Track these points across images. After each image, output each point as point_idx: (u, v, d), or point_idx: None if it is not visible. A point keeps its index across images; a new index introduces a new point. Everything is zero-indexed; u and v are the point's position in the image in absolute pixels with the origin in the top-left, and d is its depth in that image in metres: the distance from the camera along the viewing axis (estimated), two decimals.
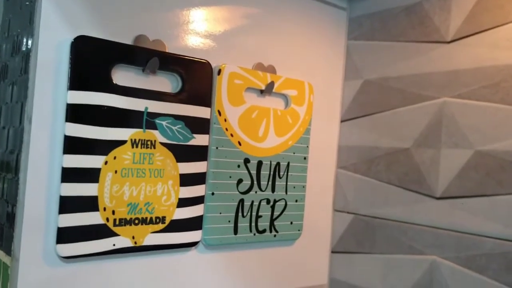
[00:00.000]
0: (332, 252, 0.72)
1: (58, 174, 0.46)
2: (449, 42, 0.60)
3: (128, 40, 0.50)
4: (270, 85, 0.62)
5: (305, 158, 0.67)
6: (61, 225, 0.46)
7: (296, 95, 0.65)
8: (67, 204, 0.46)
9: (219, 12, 0.58)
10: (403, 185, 0.63)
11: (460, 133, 0.57)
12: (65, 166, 0.46)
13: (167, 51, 0.53)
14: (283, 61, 0.65)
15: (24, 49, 0.48)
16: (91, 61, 0.47)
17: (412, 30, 0.64)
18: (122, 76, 0.50)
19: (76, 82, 0.46)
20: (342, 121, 0.73)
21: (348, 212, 0.71)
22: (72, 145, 0.46)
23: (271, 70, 0.64)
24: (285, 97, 0.65)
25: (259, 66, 0.62)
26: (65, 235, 0.46)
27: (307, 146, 0.67)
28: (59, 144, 0.46)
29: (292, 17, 0.65)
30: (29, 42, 0.46)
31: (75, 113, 0.46)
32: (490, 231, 0.54)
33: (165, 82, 0.53)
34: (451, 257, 0.57)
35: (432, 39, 0.62)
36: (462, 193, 0.57)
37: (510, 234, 0.52)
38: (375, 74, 0.68)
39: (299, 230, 0.67)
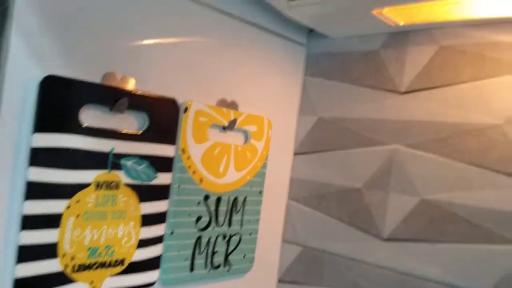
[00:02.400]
0: (279, 281, 0.75)
1: (17, 222, 0.43)
2: (402, 93, 0.64)
3: (97, 78, 0.48)
4: (233, 122, 0.63)
5: (260, 192, 0.68)
6: (18, 276, 0.43)
7: (255, 131, 0.66)
8: (26, 253, 0.43)
9: (184, 48, 0.57)
10: (353, 223, 0.67)
11: (408, 180, 0.62)
12: (26, 213, 0.43)
13: (134, 88, 0.52)
14: (244, 95, 0.65)
15: None
16: (60, 101, 0.44)
17: (369, 76, 0.68)
18: (89, 115, 0.48)
19: (42, 123, 0.43)
20: (295, 154, 0.75)
21: (297, 244, 0.73)
22: (35, 190, 0.43)
23: (234, 106, 0.64)
24: (245, 132, 0.66)
25: (223, 102, 0.63)
26: (21, 286, 0.43)
27: (263, 180, 0.68)
28: (20, 189, 0.43)
29: (252, 51, 0.66)
30: None
31: (39, 157, 0.43)
32: (432, 275, 0.59)
33: (132, 121, 0.52)
34: None
35: (387, 88, 0.66)
36: (407, 237, 0.61)
37: (449, 279, 0.57)
38: (330, 113, 0.71)
39: (251, 263, 0.68)
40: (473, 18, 0.56)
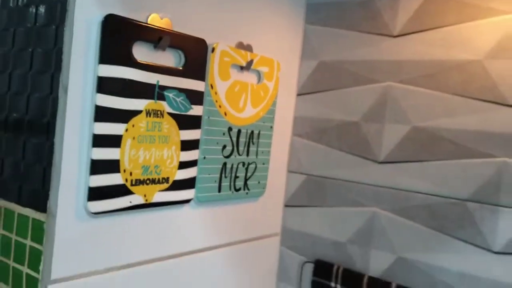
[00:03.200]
0: (286, 206, 0.85)
1: (89, 140, 0.51)
2: (395, 37, 0.74)
3: (143, 19, 0.55)
4: (250, 63, 0.71)
5: (271, 127, 0.77)
6: (92, 185, 0.51)
7: (267, 72, 0.75)
8: (97, 167, 0.51)
9: None
10: (351, 152, 0.77)
11: (401, 111, 0.72)
12: (95, 133, 0.51)
13: (172, 29, 0.59)
14: (256, 39, 0.73)
15: (57, 21, 0.50)
16: (117, 38, 0.52)
17: (365, 23, 0.77)
18: (138, 51, 0.55)
19: (105, 57, 0.51)
20: (298, 94, 0.84)
21: (301, 173, 0.83)
22: (101, 114, 0.51)
23: (249, 48, 0.72)
24: (258, 73, 0.74)
25: (240, 45, 0.71)
26: (95, 194, 0.51)
27: (273, 117, 0.77)
28: (90, 112, 0.51)
29: (260, 1, 0.74)
30: (63, 16, 0.49)
31: (104, 85, 0.51)
32: (420, 188, 0.70)
33: (171, 58, 0.59)
34: (388, 208, 0.73)
35: (381, 32, 0.75)
36: (400, 159, 0.72)
37: (435, 191, 0.69)
38: (330, 57, 0.80)
39: (264, 188, 0.78)
40: None
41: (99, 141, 0.51)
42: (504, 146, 0.63)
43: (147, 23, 0.55)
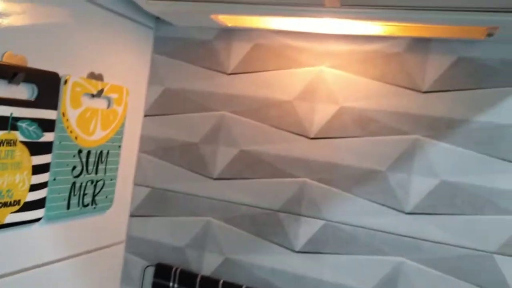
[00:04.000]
0: (131, 216, 0.94)
1: None
2: (229, 74, 0.88)
3: None
4: (100, 91, 0.78)
5: (119, 146, 0.86)
6: None
7: (117, 97, 0.83)
8: None
9: (61, 31, 0.71)
10: (191, 169, 0.90)
11: (232, 136, 0.87)
12: None
13: (27, 65, 0.64)
14: (107, 68, 0.81)
15: None
16: None
17: (205, 59, 0.90)
18: None
19: None
20: (145, 115, 0.94)
21: (146, 186, 0.94)
22: None
23: (100, 78, 0.80)
24: (108, 99, 0.82)
25: (92, 75, 0.78)
26: None
27: (122, 137, 0.86)
28: None
29: (112, 33, 0.82)
30: None
31: None
32: (245, 201, 0.86)
33: (25, 91, 0.64)
34: (219, 217, 0.88)
35: (218, 69, 0.89)
36: (230, 177, 0.87)
37: (256, 203, 0.85)
38: (174, 85, 0.92)
39: (111, 202, 0.86)
40: (276, 28, 0.82)
41: None
42: (304, 169, 0.82)
43: (1, 61, 0.60)
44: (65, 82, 0.71)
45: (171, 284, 0.88)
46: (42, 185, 0.69)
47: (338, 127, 0.80)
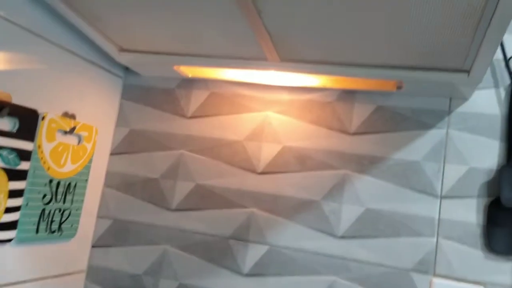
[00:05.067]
0: (93, 246, 1.02)
1: None
2: (188, 118, 1.01)
3: None
4: (73, 129, 0.89)
5: (86, 180, 0.95)
6: None
7: (87, 135, 0.93)
8: None
9: (36, 75, 0.82)
10: (151, 201, 1.00)
11: (189, 172, 0.98)
12: None
13: (12, 101, 0.75)
14: (79, 109, 0.92)
15: None
16: None
17: (167, 104, 1.02)
18: None
19: None
20: (111, 154, 1.04)
21: (108, 218, 1.02)
22: None
23: (73, 117, 0.90)
24: (79, 136, 0.92)
25: (66, 114, 0.88)
26: None
27: (89, 171, 0.95)
28: None
29: (84, 79, 0.94)
30: None
31: None
32: (199, 229, 0.96)
33: (7, 124, 0.74)
34: (176, 245, 0.97)
35: (178, 113, 1.01)
36: (187, 208, 0.97)
37: (209, 231, 0.95)
38: (139, 126, 1.03)
39: (75, 230, 0.94)
40: (229, 79, 0.96)
41: None
42: (252, 200, 0.93)
43: None
44: (43, 118, 0.81)
45: None
46: (16, 209, 0.78)
47: (281, 164, 0.93)
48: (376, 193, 0.86)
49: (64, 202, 0.89)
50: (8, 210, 0.76)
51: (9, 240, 0.77)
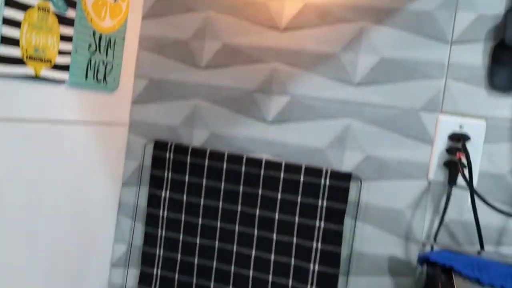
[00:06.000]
0: (133, 103, 1.13)
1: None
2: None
3: None
4: None
5: (123, 38, 1.04)
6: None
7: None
8: (4, 40, 0.73)
9: None
10: (182, 61, 1.09)
11: (215, 32, 1.06)
12: (5, 14, 0.72)
13: None
14: None
15: None
16: None
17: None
18: None
19: None
20: (143, 18, 1.11)
21: (144, 78, 1.12)
22: (9, 2, 0.72)
23: None
24: None
25: None
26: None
27: (125, 29, 1.04)
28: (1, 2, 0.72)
29: None
30: None
31: None
32: (227, 85, 1.05)
33: None
34: (207, 100, 1.07)
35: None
36: (216, 65, 1.06)
37: (235, 86, 1.05)
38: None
39: (118, 84, 1.05)
40: None
41: (7, 22, 0.73)
42: (275, 56, 1.01)
43: None
44: None
45: (167, 155, 1.08)
46: (67, 53, 0.88)
47: (302, 20, 0.99)
48: (390, 42, 0.93)
49: (106, 55, 0.99)
50: (61, 52, 0.86)
51: (63, 82, 0.88)
